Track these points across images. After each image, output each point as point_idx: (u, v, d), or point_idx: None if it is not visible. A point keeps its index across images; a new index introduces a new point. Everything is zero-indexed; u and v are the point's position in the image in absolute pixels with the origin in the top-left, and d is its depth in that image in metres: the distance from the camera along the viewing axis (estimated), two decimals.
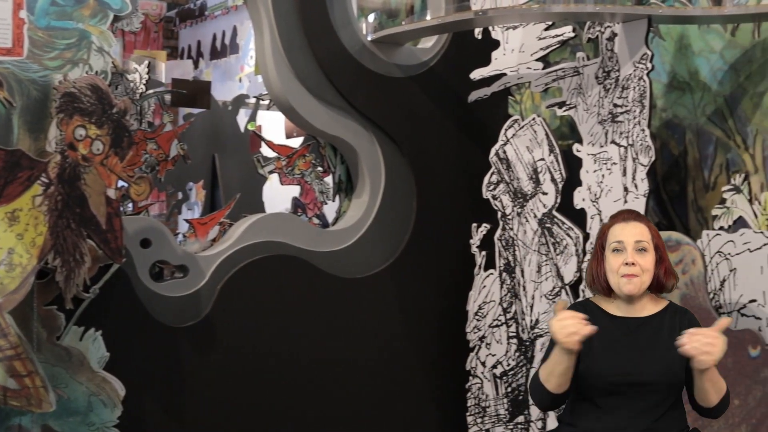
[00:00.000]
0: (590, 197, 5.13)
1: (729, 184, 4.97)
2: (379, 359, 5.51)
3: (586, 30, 5.26)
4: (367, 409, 5.46)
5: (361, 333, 5.46)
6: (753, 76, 4.96)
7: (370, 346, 5.48)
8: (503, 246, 5.53)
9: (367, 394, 5.46)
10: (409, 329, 5.63)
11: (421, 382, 5.68)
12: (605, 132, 5.08)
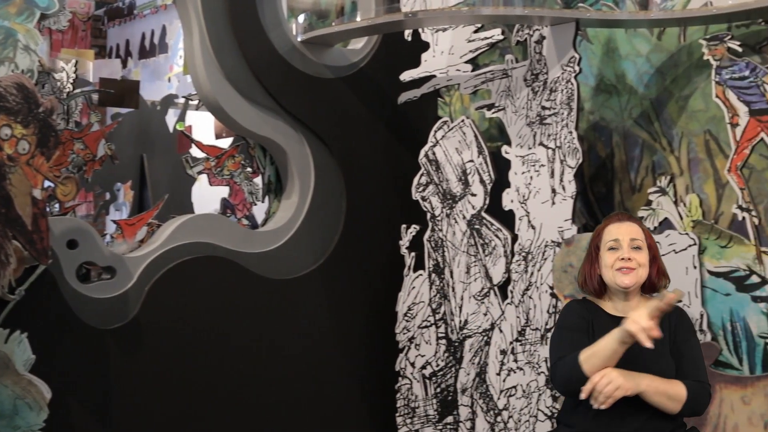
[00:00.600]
0: (519, 199, 5.16)
1: (655, 186, 5.03)
2: (308, 361, 5.50)
3: (515, 33, 5.29)
4: (296, 410, 5.44)
5: (291, 334, 5.44)
6: (679, 79, 5.02)
7: (299, 348, 5.47)
8: (432, 247, 5.55)
9: (297, 395, 5.45)
10: (338, 330, 5.63)
11: (351, 383, 5.68)
12: (533, 134, 5.12)
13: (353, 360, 5.68)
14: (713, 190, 4.86)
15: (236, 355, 5.24)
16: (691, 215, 4.88)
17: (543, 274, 5.04)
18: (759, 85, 4.57)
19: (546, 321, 5.03)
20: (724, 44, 4.67)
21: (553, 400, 5.01)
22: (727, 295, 4.70)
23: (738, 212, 4.67)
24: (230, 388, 5.21)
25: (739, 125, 4.63)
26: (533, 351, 5.09)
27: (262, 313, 5.33)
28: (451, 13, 5.22)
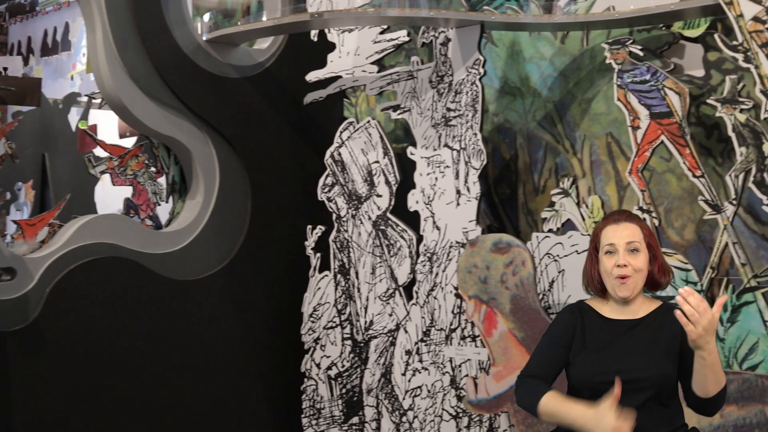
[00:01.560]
0: (424, 200, 5.17)
1: (558, 188, 5.08)
2: (213, 362, 5.46)
3: (421, 35, 5.31)
4: (201, 412, 5.40)
5: (196, 336, 5.40)
6: (581, 82, 5.08)
7: (204, 349, 5.43)
8: (338, 248, 5.54)
9: (202, 397, 5.40)
10: (243, 331, 5.60)
11: (256, 385, 5.65)
12: (438, 135, 5.14)
13: (258, 361, 5.66)
14: (615, 191, 4.93)
15: (140, 357, 5.18)
16: (593, 216, 4.94)
17: (448, 275, 5.06)
18: (660, 88, 4.64)
19: (451, 321, 5.05)
20: (625, 48, 4.73)
21: (458, 399, 5.04)
22: None
23: (639, 213, 4.73)
24: (133, 390, 5.15)
25: (640, 128, 4.70)
26: (438, 351, 5.10)
27: (166, 315, 5.28)
28: (357, 14, 5.21)
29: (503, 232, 5.08)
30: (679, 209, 4.71)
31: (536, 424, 4.70)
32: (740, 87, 4.45)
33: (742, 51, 4.31)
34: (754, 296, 4.43)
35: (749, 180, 4.40)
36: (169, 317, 5.29)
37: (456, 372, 5.06)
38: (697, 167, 4.56)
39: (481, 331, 4.84)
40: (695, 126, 4.64)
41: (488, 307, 4.80)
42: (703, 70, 4.67)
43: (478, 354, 4.95)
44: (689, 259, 4.64)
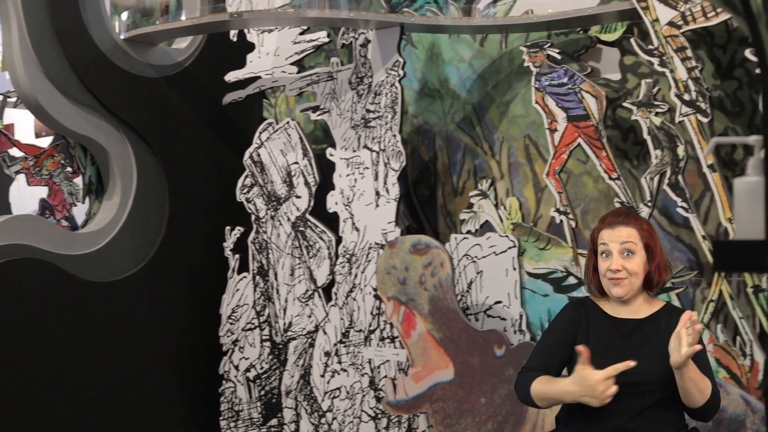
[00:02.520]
0: (343, 201, 5.17)
1: (476, 190, 5.11)
2: (130, 364, 5.40)
3: (341, 36, 5.31)
4: (118, 415, 5.33)
5: (112, 338, 5.33)
6: (500, 85, 5.11)
7: (120, 351, 5.37)
8: (257, 249, 5.52)
9: (119, 400, 5.34)
10: (161, 333, 5.55)
11: (174, 387, 5.60)
12: (358, 137, 5.14)
13: (176, 363, 5.61)
14: (532, 193, 4.97)
15: (56, 360, 5.10)
16: (511, 218, 4.98)
17: (367, 276, 5.06)
18: (577, 92, 4.68)
19: (370, 322, 5.05)
20: (543, 51, 4.78)
21: (376, 401, 5.04)
22: (546, 296, 4.81)
23: (556, 215, 4.78)
24: (49, 393, 5.07)
25: (557, 131, 4.74)
26: (357, 353, 5.10)
27: (82, 317, 5.21)
28: (277, 14, 5.19)
29: (422, 234, 5.09)
30: (595, 211, 4.76)
31: (455, 424, 4.73)
32: (656, 91, 4.52)
33: (657, 55, 4.37)
34: (669, 297, 4.49)
35: (664, 182, 4.47)
36: (85, 319, 5.22)
37: (375, 373, 5.06)
38: (613, 169, 4.61)
39: (400, 332, 4.84)
40: (611, 129, 4.70)
41: (407, 308, 4.81)
42: (619, 73, 4.73)
43: (397, 355, 4.96)
44: None
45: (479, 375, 4.69)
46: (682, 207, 4.42)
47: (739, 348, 4.32)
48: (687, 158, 4.43)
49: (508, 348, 4.64)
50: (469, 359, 4.71)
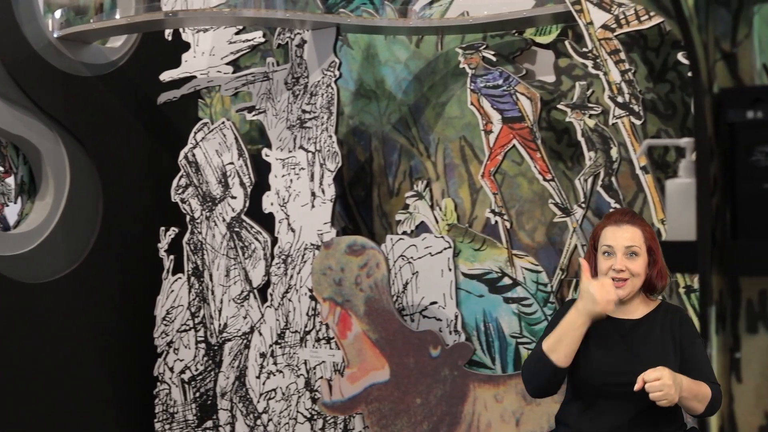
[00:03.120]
0: (278, 201, 5.16)
1: (412, 190, 5.12)
2: (63, 366, 5.34)
3: (277, 36, 5.29)
4: (51, 418, 5.27)
5: (45, 340, 5.27)
6: (436, 86, 5.13)
7: (54, 353, 5.30)
8: (192, 250, 5.49)
9: (51, 402, 5.28)
10: (94, 335, 5.49)
11: (107, 390, 5.55)
12: (294, 137, 5.14)
13: (110, 365, 5.55)
14: (468, 194, 4.99)
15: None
16: (447, 219, 5.00)
17: (302, 277, 5.06)
18: (512, 93, 4.71)
19: (305, 323, 5.05)
20: (479, 53, 4.80)
21: (312, 402, 5.04)
22: (481, 296, 4.83)
23: (491, 216, 4.81)
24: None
25: (492, 132, 4.77)
26: (293, 354, 5.10)
27: (14, 319, 5.14)
28: (212, 13, 5.17)
29: (358, 234, 5.10)
30: (530, 212, 4.79)
31: (390, 425, 4.73)
32: (590, 93, 4.56)
33: (591, 58, 4.41)
34: None
35: (598, 184, 4.51)
36: (17, 321, 5.15)
37: (311, 374, 5.06)
38: (547, 171, 4.65)
39: (336, 333, 4.84)
40: (546, 130, 4.73)
41: (343, 309, 4.81)
42: (553, 75, 4.76)
43: (333, 356, 4.96)
44: (540, 261, 4.73)
45: (415, 375, 4.70)
46: (615, 208, 4.46)
47: None
48: (620, 160, 4.48)
49: (444, 348, 4.66)
50: (404, 360, 4.72)
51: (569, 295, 4.63)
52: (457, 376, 4.64)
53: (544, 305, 4.68)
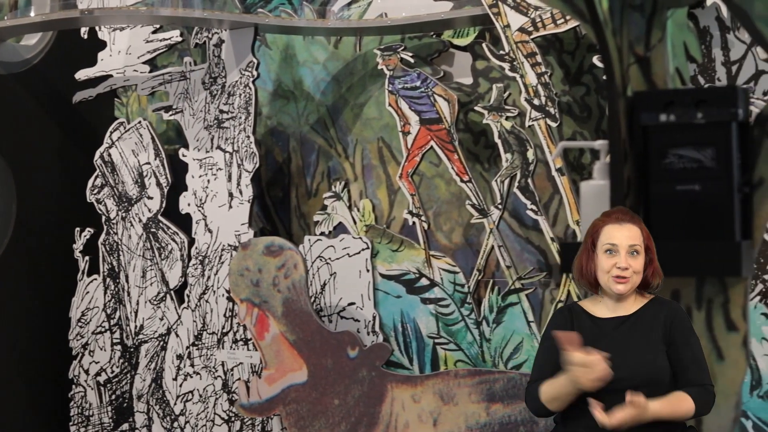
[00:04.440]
0: (195, 202, 5.13)
1: (330, 191, 5.12)
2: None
3: (194, 35, 5.26)
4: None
5: None
6: (354, 87, 5.13)
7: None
8: (107, 251, 5.43)
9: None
10: (7, 337, 5.41)
11: (21, 393, 5.47)
12: (211, 137, 5.11)
13: (23, 368, 5.48)
14: (386, 195, 5.01)
15: None
16: (365, 220, 5.00)
17: (220, 278, 5.04)
18: (429, 95, 4.74)
19: (223, 325, 5.03)
20: (397, 55, 4.82)
21: (230, 403, 5.01)
22: (398, 297, 4.85)
23: (409, 217, 4.83)
24: None
25: (410, 133, 4.79)
26: (210, 355, 5.07)
27: None
28: (129, 12, 5.13)
29: (276, 235, 5.09)
30: (447, 213, 4.82)
31: (308, 426, 4.73)
32: (506, 95, 4.60)
33: (508, 60, 4.45)
34: (519, 297, 4.59)
35: (514, 185, 4.56)
36: None
37: (228, 376, 5.04)
38: (464, 172, 4.68)
39: (253, 334, 4.82)
40: (463, 132, 4.76)
41: (260, 310, 4.79)
42: (471, 78, 4.79)
43: (251, 357, 4.94)
44: (457, 261, 4.76)
45: (333, 376, 4.70)
46: (531, 210, 4.51)
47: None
48: (536, 162, 4.52)
49: (362, 349, 4.66)
50: (322, 361, 4.71)
51: (485, 296, 4.67)
52: (375, 376, 4.65)
53: (461, 306, 4.71)
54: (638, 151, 3.31)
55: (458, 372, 4.58)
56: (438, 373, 4.66)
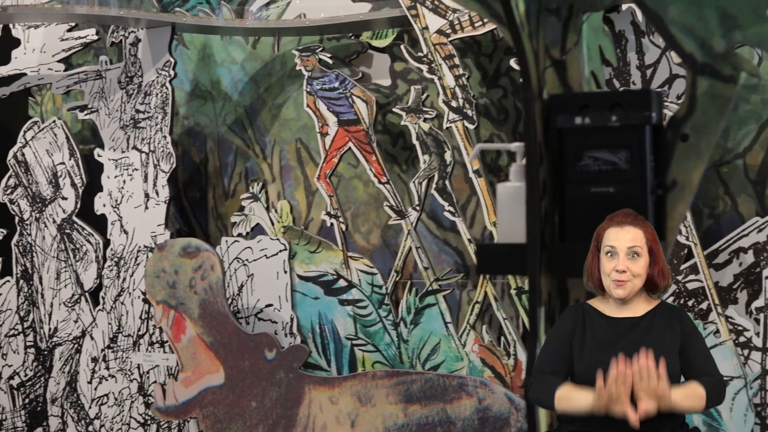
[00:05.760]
0: (111, 203, 5.09)
1: (248, 192, 5.11)
2: None
3: (110, 34, 5.22)
4: None
5: None
6: (272, 88, 5.13)
7: None
8: (20, 252, 5.37)
9: None
10: None
11: None
12: (127, 137, 5.08)
13: None
14: (304, 196, 5.00)
15: None
16: (282, 221, 5.00)
17: (136, 280, 5.01)
18: (348, 96, 4.74)
19: (139, 327, 4.99)
20: (315, 56, 4.82)
21: (146, 407, 4.98)
22: (316, 298, 4.85)
23: (327, 218, 4.83)
24: None
25: (328, 134, 4.80)
26: (126, 358, 5.04)
27: None
28: (44, 10, 5.07)
29: (192, 237, 5.06)
30: (365, 214, 4.83)
31: (225, 429, 4.71)
32: (424, 97, 4.62)
33: (426, 62, 4.48)
34: (436, 299, 4.61)
35: (432, 187, 4.58)
36: None
37: (144, 379, 5.01)
38: (382, 174, 4.69)
39: (170, 336, 4.79)
40: (381, 134, 4.77)
41: (177, 312, 4.76)
42: (389, 79, 4.81)
43: (167, 360, 4.92)
44: (375, 263, 4.77)
45: (250, 378, 4.69)
46: (449, 211, 4.54)
47: (504, 348, 4.46)
48: (454, 163, 4.55)
49: (279, 351, 4.66)
50: (239, 363, 4.70)
51: (403, 298, 4.69)
52: (293, 378, 4.64)
53: (379, 307, 4.72)
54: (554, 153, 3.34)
55: (376, 373, 4.59)
56: (356, 374, 4.66)
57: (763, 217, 4.06)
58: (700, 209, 4.16)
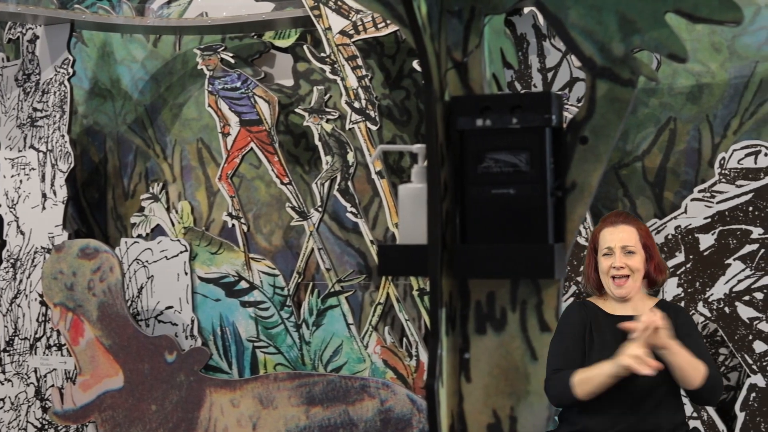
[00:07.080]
0: (8, 203, 5.02)
1: (148, 193, 5.06)
2: None
3: (7, 30, 5.16)
4: None
5: None
6: (173, 87, 5.09)
7: None
8: None
9: None
10: None
11: None
12: (24, 136, 5.01)
13: None
14: (205, 197, 4.98)
15: None
16: (183, 222, 4.97)
17: (33, 282, 4.94)
18: (250, 96, 4.72)
19: (36, 330, 4.92)
20: (217, 55, 4.79)
21: (43, 411, 4.91)
22: (217, 300, 4.83)
23: (228, 219, 4.81)
24: None
25: (230, 135, 4.77)
26: (22, 361, 4.96)
27: None
28: None
29: (91, 238, 5.01)
30: (267, 215, 4.82)
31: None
32: (327, 98, 4.62)
33: (329, 63, 4.48)
34: (339, 300, 4.61)
35: (334, 188, 4.58)
36: None
37: (41, 382, 4.95)
38: (285, 174, 4.68)
39: (67, 339, 4.73)
40: (284, 134, 4.77)
41: (75, 314, 4.71)
42: (292, 79, 4.81)
43: (65, 363, 4.86)
44: (277, 264, 4.76)
45: (150, 382, 4.65)
46: (351, 212, 4.55)
47: (406, 349, 4.48)
48: (357, 164, 4.56)
49: (180, 354, 4.64)
50: (139, 366, 4.66)
51: (305, 299, 4.68)
52: (193, 381, 4.62)
53: (281, 309, 4.72)
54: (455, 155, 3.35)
55: (278, 375, 4.58)
56: (257, 376, 4.65)
57: (661, 219, 4.13)
58: (600, 211, 4.23)
